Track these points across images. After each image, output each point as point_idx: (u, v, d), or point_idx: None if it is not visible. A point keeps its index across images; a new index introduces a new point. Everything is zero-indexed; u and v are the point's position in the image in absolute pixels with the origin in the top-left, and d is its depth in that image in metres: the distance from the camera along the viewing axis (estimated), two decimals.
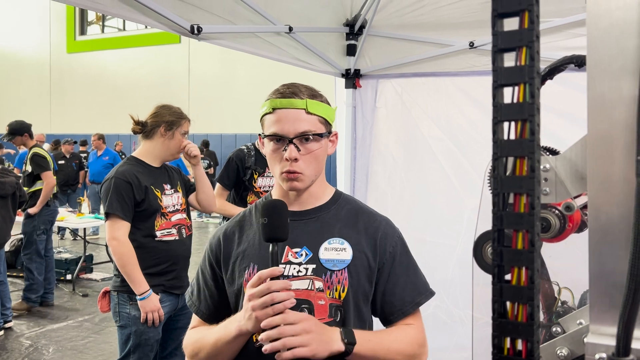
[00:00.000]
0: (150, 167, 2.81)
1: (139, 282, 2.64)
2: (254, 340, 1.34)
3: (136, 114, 2.85)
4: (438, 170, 3.20)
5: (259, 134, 1.45)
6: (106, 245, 2.78)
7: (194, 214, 12.62)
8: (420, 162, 3.28)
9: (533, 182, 0.64)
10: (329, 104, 1.42)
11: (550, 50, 2.23)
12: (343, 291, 1.34)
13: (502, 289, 0.65)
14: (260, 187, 3.42)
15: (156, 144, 2.81)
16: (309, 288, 1.33)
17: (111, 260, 2.75)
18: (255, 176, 3.40)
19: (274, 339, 1.18)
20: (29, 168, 5.59)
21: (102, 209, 2.78)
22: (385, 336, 1.35)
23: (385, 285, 1.39)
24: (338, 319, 1.34)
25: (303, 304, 1.31)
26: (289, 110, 1.34)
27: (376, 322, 1.48)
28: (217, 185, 3.42)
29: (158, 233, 2.75)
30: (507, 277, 0.66)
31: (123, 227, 2.66)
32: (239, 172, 3.41)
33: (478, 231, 0.98)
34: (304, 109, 1.34)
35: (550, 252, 1.06)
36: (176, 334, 2.93)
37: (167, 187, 2.83)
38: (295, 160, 1.33)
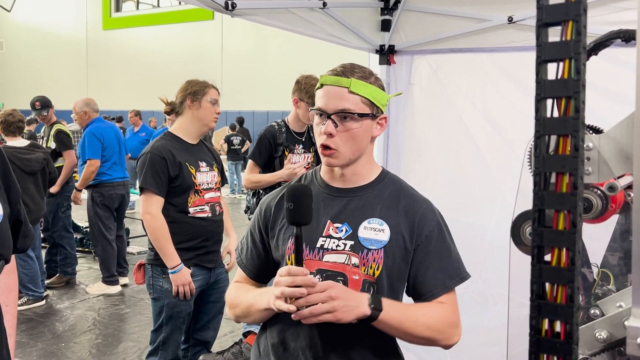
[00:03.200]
0: (186, 144, 2.83)
1: (171, 256, 2.69)
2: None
3: (167, 93, 2.89)
4: (472, 148, 3.14)
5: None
6: (142, 220, 2.82)
7: (226, 190, 12.76)
8: (454, 141, 3.23)
9: (577, 162, 0.62)
10: (383, 89, 1.46)
11: (593, 25, 2.15)
12: (377, 269, 1.40)
13: (541, 270, 0.64)
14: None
15: (187, 118, 2.83)
16: (345, 262, 1.40)
17: (147, 234, 2.80)
18: (286, 153, 3.37)
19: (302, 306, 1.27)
20: (51, 145, 5.56)
21: (137, 184, 2.83)
22: (415, 309, 1.41)
23: (419, 267, 1.44)
24: (371, 294, 1.39)
25: (338, 276, 1.40)
26: (334, 87, 1.40)
27: None
28: (249, 161, 3.37)
29: (191, 210, 2.78)
30: (547, 257, 0.65)
31: (157, 202, 2.70)
32: (270, 148, 3.36)
33: (516, 211, 0.96)
34: (347, 88, 1.39)
35: (590, 233, 1.03)
36: (208, 307, 2.99)
37: (203, 164, 2.85)
38: (331, 135, 1.39)
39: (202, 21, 18.78)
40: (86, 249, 7.08)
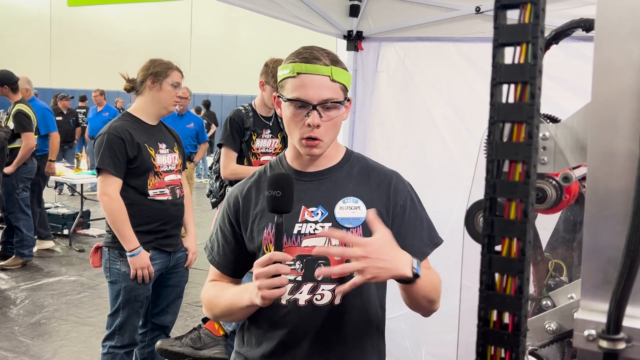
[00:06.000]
0: (145, 125, 2.76)
1: (129, 239, 2.63)
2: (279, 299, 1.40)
3: (130, 72, 2.79)
4: (437, 138, 3.15)
5: (277, 95, 1.45)
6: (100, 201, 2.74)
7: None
8: (419, 130, 3.23)
9: (530, 149, 0.60)
10: (347, 70, 1.43)
11: (557, 18, 2.15)
12: None
13: (491, 260, 0.62)
14: (258, 149, 3.36)
15: (146, 99, 2.76)
16: (325, 245, 1.39)
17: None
18: (254, 137, 3.31)
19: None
20: (10, 124, 5.30)
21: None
22: (425, 272, 1.36)
23: (397, 236, 1.43)
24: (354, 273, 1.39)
25: (320, 260, 1.39)
26: (314, 76, 1.35)
27: None
28: (224, 148, 3.20)
29: (150, 192, 2.71)
30: (498, 248, 0.63)
31: (114, 183, 2.63)
32: (240, 132, 3.27)
33: (471, 199, 0.95)
34: (329, 76, 1.35)
35: (545, 224, 1.03)
36: (167, 291, 2.94)
37: (162, 146, 2.78)
38: (318, 126, 1.35)
39: (171, 1, 18.38)
40: None
